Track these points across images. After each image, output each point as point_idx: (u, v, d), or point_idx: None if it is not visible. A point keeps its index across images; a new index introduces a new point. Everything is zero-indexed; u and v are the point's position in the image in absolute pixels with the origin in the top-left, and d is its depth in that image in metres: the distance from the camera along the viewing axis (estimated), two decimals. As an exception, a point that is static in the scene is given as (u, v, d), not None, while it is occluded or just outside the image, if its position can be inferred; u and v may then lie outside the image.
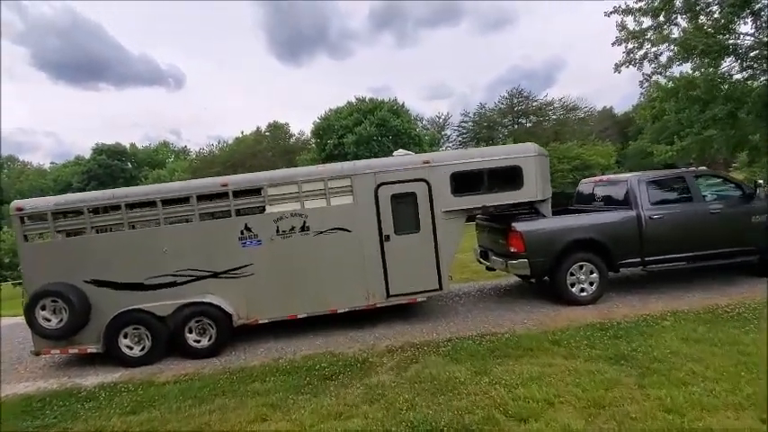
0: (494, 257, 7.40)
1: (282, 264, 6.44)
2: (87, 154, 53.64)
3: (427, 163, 6.55)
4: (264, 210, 6.41)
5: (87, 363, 6.51)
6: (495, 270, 7.89)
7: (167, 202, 6.36)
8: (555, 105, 44.75)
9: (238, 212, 6.40)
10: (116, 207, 6.34)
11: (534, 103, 44.68)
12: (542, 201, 7.01)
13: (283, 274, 6.46)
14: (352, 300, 6.56)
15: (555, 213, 7.40)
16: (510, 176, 6.71)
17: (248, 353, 6.24)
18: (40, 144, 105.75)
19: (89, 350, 6.18)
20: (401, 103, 33.68)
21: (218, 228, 6.37)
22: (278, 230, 6.41)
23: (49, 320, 6.19)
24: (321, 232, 6.44)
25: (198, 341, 6.24)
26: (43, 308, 6.17)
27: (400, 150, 8.09)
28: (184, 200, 6.36)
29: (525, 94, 44.58)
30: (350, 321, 7.02)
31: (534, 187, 6.74)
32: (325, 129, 33.44)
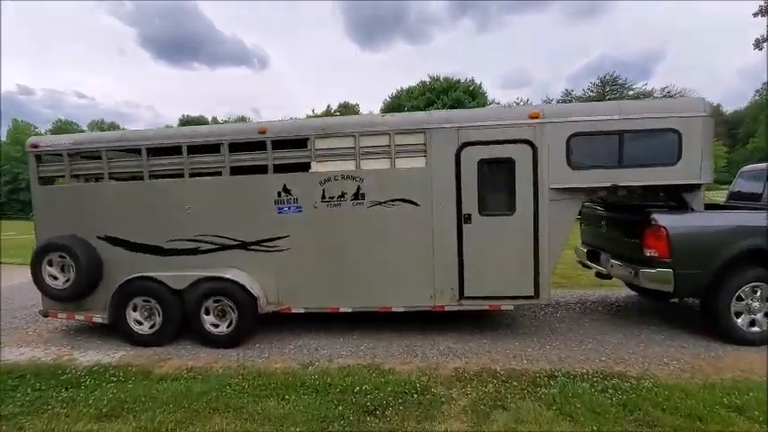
0: (613, 262, 5.30)
1: (326, 239, 4.93)
2: (175, 125, 57.58)
3: (536, 117, 4.61)
4: (309, 167, 4.91)
5: (98, 333, 5.55)
6: (608, 278, 5.79)
7: (194, 149, 5.09)
8: (656, 96, 38.99)
9: (277, 169, 4.97)
10: (136, 151, 5.21)
11: (630, 92, 39.25)
12: (698, 186, 4.77)
13: (326, 254, 4.95)
14: (411, 297, 4.90)
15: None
16: (661, 145, 4.56)
17: (273, 349, 4.85)
18: (141, 116, 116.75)
19: (95, 319, 5.17)
20: (478, 84, 30.98)
21: (251, 186, 5.00)
22: (324, 196, 4.89)
23: (55, 278, 5.27)
24: (379, 203, 4.82)
25: (216, 326, 4.97)
26: (50, 263, 5.24)
27: (492, 106, 6.13)
28: (214, 148, 5.05)
29: (620, 81, 39.33)
30: (407, 324, 5.39)
31: (696, 164, 4.53)
32: (394, 109, 31.81)
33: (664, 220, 4.68)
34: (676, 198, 5.12)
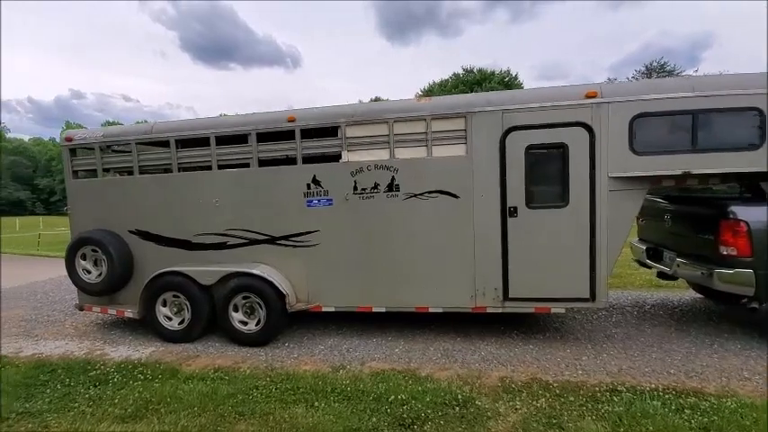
0: (679, 261, 4.69)
1: (358, 234, 4.62)
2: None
3: (593, 97, 4.09)
4: (340, 157, 4.61)
5: (131, 328, 5.52)
6: (672, 279, 5.17)
7: (222, 140, 4.91)
8: (709, 83, 36.18)
9: (306, 159, 4.71)
10: (165, 143, 5.09)
11: (680, 80, 36.65)
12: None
13: (358, 249, 4.65)
14: (450, 297, 4.51)
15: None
16: (741, 126, 3.93)
17: (303, 349, 4.61)
18: (182, 116, 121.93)
19: (126, 314, 5.11)
20: (514, 75, 29.84)
21: (280, 178, 4.76)
22: (355, 187, 4.58)
23: (89, 272, 5.25)
24: (415, 195, 4.45)
25: (244, 323, 4.78)
26: (84, 257, 5.24)
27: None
28: (242, 138, 4.84)
29: (668, 68, 36.85)
30: (445, 325, 5.01)
31: (785, 148, 3.88)
32: (426, 102, 31.15)
33: (744, 213, 4.07)
34: (754, 188, 4.47)
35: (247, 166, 4.83)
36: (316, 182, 4.66)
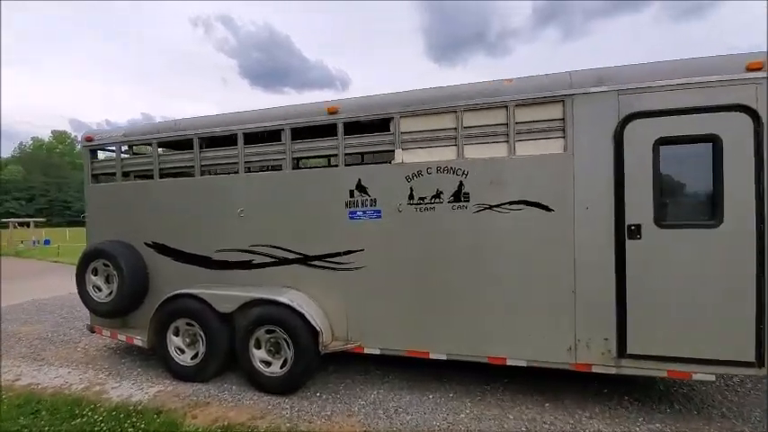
0: None
1: (413, 256, 3.57)
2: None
3: (758, 69, 2.83)
4: (392, 158, 3.62)
5: (143, 358, 4.75)
6: None
7: (251, 138, 4.11)
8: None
9: (350, 160, 3.78)
10: (188, 144, 4.37)
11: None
12: None
13: (413, 276, 3.58)
14: (539, 347, 3.30)
15: None
16: None
17: (338, 403, 3.55)
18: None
19: (135, 341, 4.34)
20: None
21: (317, 183, 3.84)
22: (411, 196, 3.55)
23: (99, 290, 4.57)
24: (491, 207, 3.35)
25: (267, 363, 3.82)
26: (95, 272, 4.57)
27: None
28: (274, 135, 4.01)
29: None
30: (528, 381, 3.78)
31: None
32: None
33: None
34: None
35: (279, 168, 3.96)
36: (361, 188, 3.69)
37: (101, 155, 4.91)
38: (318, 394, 3.73)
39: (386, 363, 4.16)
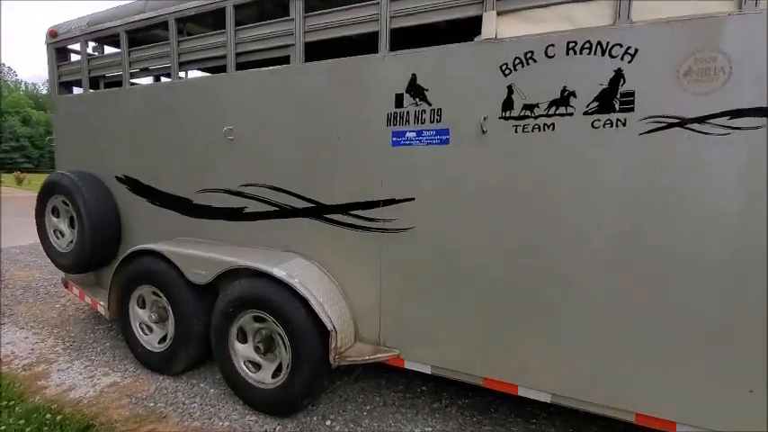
0: None
1: (507, 216, 1.95)
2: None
3: None
4: (478, 31, 1.94)
5: (117, 330, 3.67)
6: None
7: (246, 13, 2.60)
8: None
9: (397, 40, 2.14)
10: (161, 35, 2.97)
11: None
12: None
13: (502, 253, 1.98)
14: (710, 408, 1.62)
15: None
16: None
17: (358, 450, 2.16)
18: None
19: (99, 308, 3.21)
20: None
21: (342, 83, 2.27)
22: (509, 103, 1.89)
23: (62, 235, 3.46)
24: (686, 122, 1.61)
25: (255, 365, 2.49)
26: (56, 213, 3.45)
27: None
28: (279, 9, 2.46)
29: None
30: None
31: None
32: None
33: None
34: None
35: (287, 60, 2.44)
36: (416, 91, 2.08)
37: (74, 57, 3.67)
38: (329, 423, 2.36)
39: (430, 379, 2.69)
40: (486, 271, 2.02)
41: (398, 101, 2.12)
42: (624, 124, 1.70)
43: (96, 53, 3.41)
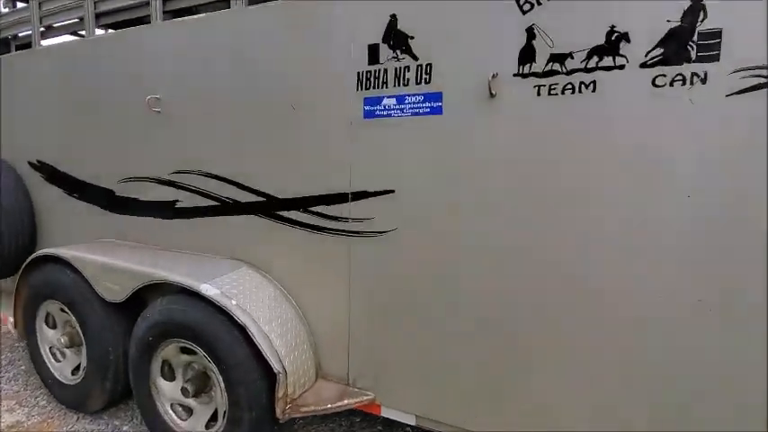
0: None
1: (525, 214, 1.38)
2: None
3: None
4: (483, -48, 1.35)
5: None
6: None
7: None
8: None
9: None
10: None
11: None
12: None
13: (515, 258, 1.42)
14: None
15: None
16: None
17: None
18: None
19: (9, 324, 2.58)
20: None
21: (297, 33, 1.67)
22: (528, 51, 1.30)
23: (-36, 236, 2.82)
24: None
25: (186, 410, 1.89)
26: (-43, 207, 2.80)
27: None
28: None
29: None
30: None
31: None
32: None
33: None
34: None
35: (226, 3, 1.84)
36: (395, 37, 1.48)
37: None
38: (282, 486, 1.78)
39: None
40: (495, 292, 1.45)
41: (373, 54, 1.52)
42: (704, 81, 1.13)
43: (7, 9, 2.76)
